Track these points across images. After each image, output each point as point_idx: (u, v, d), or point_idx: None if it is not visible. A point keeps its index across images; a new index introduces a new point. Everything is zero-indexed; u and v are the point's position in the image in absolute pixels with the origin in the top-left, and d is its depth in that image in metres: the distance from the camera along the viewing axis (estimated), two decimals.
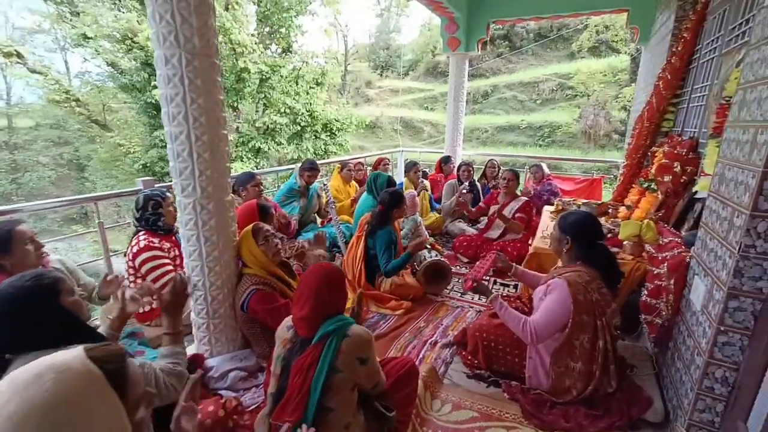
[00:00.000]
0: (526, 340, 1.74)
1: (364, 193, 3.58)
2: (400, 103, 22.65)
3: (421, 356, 2.17)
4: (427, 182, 4.61)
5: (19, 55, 12.48)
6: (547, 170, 4.79)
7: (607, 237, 2.49)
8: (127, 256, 2.24)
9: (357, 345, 1.29)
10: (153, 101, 10.43)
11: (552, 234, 1.96)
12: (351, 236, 3.15)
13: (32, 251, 1.61)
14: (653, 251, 2.08)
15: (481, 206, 3.95)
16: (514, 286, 3.06)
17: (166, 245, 2.30)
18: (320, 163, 4.06)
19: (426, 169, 5.25)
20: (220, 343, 1.91)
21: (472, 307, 2.77)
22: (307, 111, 11.95)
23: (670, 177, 2.44)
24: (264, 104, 11.97)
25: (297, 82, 11.79)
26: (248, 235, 1.95)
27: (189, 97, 1.54)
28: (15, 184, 15.40)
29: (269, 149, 11.78)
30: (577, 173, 6.04)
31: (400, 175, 5.51)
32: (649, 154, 3.26)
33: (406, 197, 3.10)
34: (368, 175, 3.88)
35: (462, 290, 3.03)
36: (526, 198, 3.73)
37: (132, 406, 0.72)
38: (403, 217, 3.19)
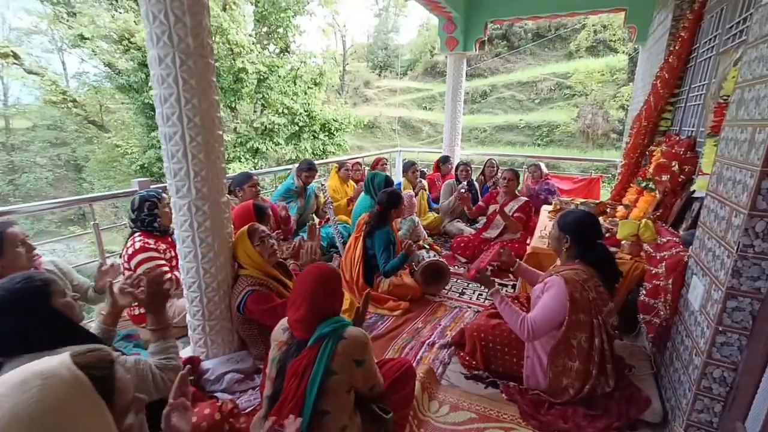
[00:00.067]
0: (523, 336, 1.76)
1: (362, 193, 3.57)
2: (398, 103, 22.64)
3: (418, 357, 2.16)
4: (425, 182, 4.60)
5: (15, 56, 12.43)
6: (545, 169, 4.79)
7: (605, 236, 2.48)
8: (122, 257, 2.23)
9: (353, 347, 1.28)
10: (150, 102, 10.41)
11: (551, 233, 1.95)
12: (349, 236, 3.14)
13: (24, 254, 1.59)
14: (651, 251, 2.07)
15: (481, 205, 3.95)
16: (512, 285, 3.06)
17: (162, 246, 2.29)
18: (318, 164, 4.05)
19: (424, 169, 5.24)
20: (216, 345, 1.89)
21: (470, 307, 2.76)
22: (305, 111, 11.94)
23: (668, 176, 2.44)
24: (262, 104, 11.96)
25: (295, 83, 11.78)
26: (244, 236, 1.94)
27: (183, 97, 1.53)
28: (12, 185, 15.35)
29: (267, 149, 11.76)
30: (575, 172, 6.05)
31: (398, 175, 5.50)
32: (647, 153, 3.26)
33: (404, 198, 3.09)
34: (366, 175, 3.86)
35: (460, 291, 3.03)
36: (525, 198, 3.72)
37: (120, 412, 0.71)
38: (401, 217, 3.18)
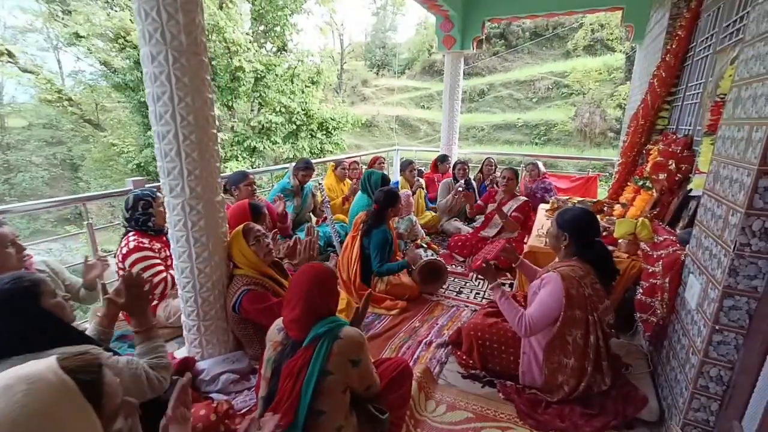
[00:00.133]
0: (520, 332, 1.77)
1: (359, 192, 3.55)
2: (396, 101, 22.62)
3: (416, 356, 2.16)
4: (422, 181, 4.59)
5: (10, 54, 12.31)
6: (543, 168, 4.78)
7: (603, 235, 2.48)
8: (116, 257, 2.21)
9: (349, 347, 1.27)
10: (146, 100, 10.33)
11: (550, 231, 1.95)
12: (346, 235, 3.12)
13: (14, 254, 1.57)
14: (648, 249, 2.07)
15: (480, 204, 3.93)
16: (509, 284, 3.06)
17: (157, 246, 2.27)
18: (315, 162, 4.04)
19: (422, 168, 5.23)
20: (211, 345, 1.88)
21: (467, 306, 2.75)
22: (303, 110, 11.90)
23: (665, 175, 2.44)
24: (259, 103, 11.91)
25: (292, 81, 11.74)
26: (239, 236, 1.93)
27: (176, 95, 1.51)
28: (8, 184, 15.23)
29: (265, 148, 11.72)
30: (572, 171, 6.04)
31: (396, 173, 5.48)
32: (644, 152, 3.26)
33: (401, 197, 3.08)
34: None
35: (457, 289, 3.02)
36: (524, 198, 3.68)
37: (109, 417, 0.70)
38: (398, 216, 3.17)
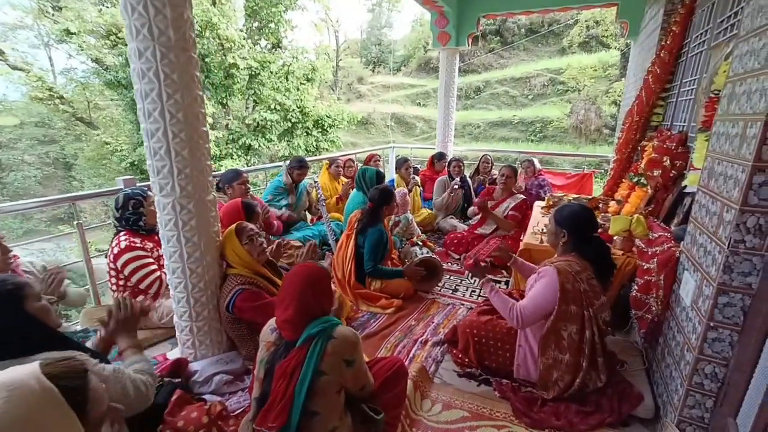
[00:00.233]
0: (512, 322, 1.78)
1: (354, 190, 3.53)
2: (392, 99, 22.55)
3: (411, 355, 2.15)
4: (418, 178, 4.57)
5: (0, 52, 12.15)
6: (538, 165, 4.78)
7: (598, 232, 2.48)
8: (108, 257, 2.18)
9: (343, 347, 1.25)
10: None
11: (548, 227, 1.95)
12: (341, 234, 3.10)
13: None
14: (643, 246, 2.07)
15: (478, 202, 3.88)
16: (505, 282, 3.05)
17: (149, 245, 2.24)
18: (310, 160, 4.01)
19: (417, 166, 5.20)
20: (204, 346, 1.86)
21: (463, 304, 2.74)
22: (298, 107, 11.83)
23: (660, 171, 2.44)
24: (254, 101, 11.82)
25: (287, 78, 11.65)
26: (232, 235, 1.90)
27: (165, 92, 1.48)
28: (0, 183, 15.05)
29: (260, 146, 11.65)
30: (568, 168, 6.06)
31: (392, 171, 5.46)
32: (639, 148, 3.26)
33: (396, 195, 3.06)
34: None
35: (453, 287, 3.02)
36: (523, 196, 3.61)
37: (94, 423, 0.68)
38: (393, 214, 3.15)
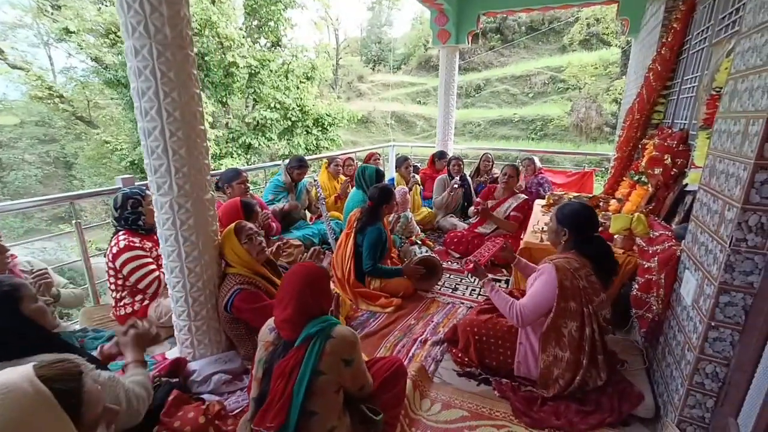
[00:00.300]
0: (513, 321, 1.79)
1: (354, 188, 3.52)
2: (392, 97, 22.49)
3: (411, 354, 2.14)
4: (418, 177, 4.55)
5: None
6: (539, 163, 4.77)
7: (599, 231, 2.47)
8: (106, 257, 2.17)
9: (341, 346, 1.25)
10: None
11: (549, 226, 1.94)
12: (341, 233, 3.10)
13: None
14: (644, 245, 2.06)
15: (479, 202, 3.79)
16: (505, 281, 3.04)
17: (148, 245, 2.23)
18: (310, 159, 4.00)
19: (417, 164, 5.18)
20: (203, 345, 1.85)
21: (463, 303, 2.74)
22: (298, 106, 11.81)
23: (661, 169, 2.42)
24: (254, 99, 11.80)
25: (287, 77, 11.63)
26: (230, 234, 1.89)
27: (162, 90, 1.47)
28: (0, 182, 15.07)
29: (260, 145, 11.64)
30: (568, 166, 6.04)
31: (392, 170, 5.45)
32: (640, 146, 3.24)
33: (397, 194, 3.05)
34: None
35: (453, 286, 3.01)
36: (525, 196, 3.55)
37: (89, 426, 0.68)
38: (392, 212, 3.14)
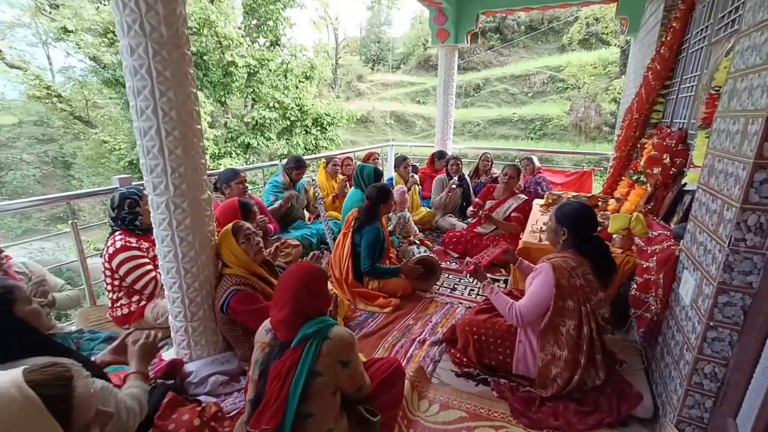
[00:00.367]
0: (512, 321, 1.81)
1: (352, 188, 3.51)
2: (391, 96, 22.47)
3: (409, 355, 2.13)
4: (416, 176, 4.54)
5: None
6: (537, 163, 4.76)
7: (598, 230, 2.46)
8: (103, 257, 2.16)
9: (339, 347, 1.24)
10: None
11: (548, 225, 1.94)
12: (339, 233, 3.09)
13: None
14: (642, 244, 2.05)
15: (477, 202, 3.76)
16: (504, 281, 3.04)
17: (145, 245, 2.22)
18: (308, 158, 3.99)
19: (416, 164, 5.17)
20: (199, 346, 1.84)
21: (461, 303, 2.73)
22: (297, 105, 11.79)
23: (660, 169, 2.42)
24: (252, 99, 11.78)
25: (286, 76, 11.61)
26: (228, 234, 1.88)
27: (158, 89, 1.45)
28: None
29: (259, 144, 11.61)
30: (567, 166, 6.04)
31: (390, 169, 5.44)
32: (639, 146, 3.24)
33: (395, 193, 3.04)
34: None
35: (451, 286, 3.00)
36: (525, 197, 3.52)
37: (80, 430, 0.67)
38: (390, 212, 3.13)
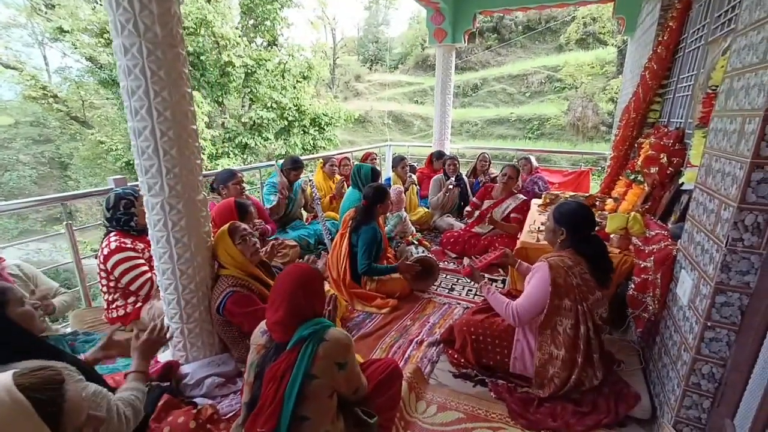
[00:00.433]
0: (509, 320, 1.82)
1: (350, 188, 3.50)
2: (389, 96, 22.46)
3: (406, 356, 2.13)
4: (414, 177, 4.54)
5: None
6: (535, 163, 4.76)
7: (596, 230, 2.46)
8: (98, 258, 2.14)
9: (335, 349, 1.23)
10: None
11: (547, 225, 1.93)
12: (336, 233, 3.07)
13: None
14: (640, 244, 2.05)
15: (475, 202, 3.76)
16: (502, 281, 3.04)
17: (140, 246, 2.20)
18: (306, 159, 3.97)
19: (414, 164, 5.17)
20: (195, 348, 1.83)
21: (459, 303, 2.73)
22: (295, 106, 11.76)
23: (657, 168, 2.41)
24: (250, 99, 11.75)
25: (283, 76, 11.58)
26: (224, 235, 1.87)
27: (152, 89, 1.44)
28: None
29: (256, 145, 11.58)
30: (565, 165, 6.04)
31: (388, 170, 5.43)
32: (636, 145, 3.24)
33: (392, 193, 3.04)
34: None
35: (449, 287, 3.00)
36: (524, 197, 3.51)
37: None
38: (387, 212, 3.12)
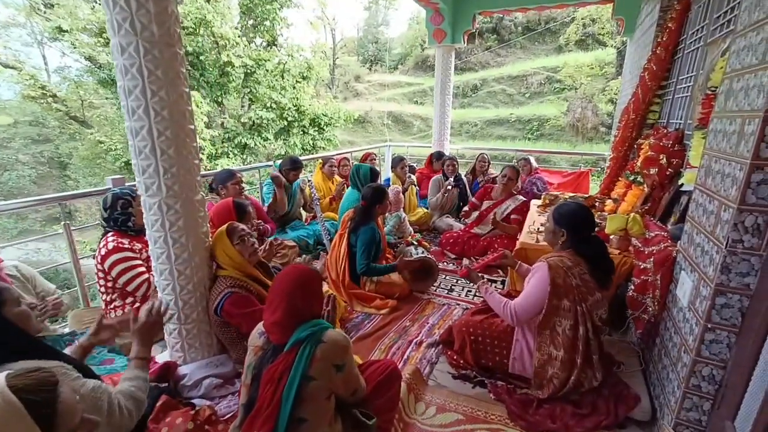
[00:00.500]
0: (508, 320, 1.82)
1: (349, 188, 3.49)
2: (389, 97, 22.46)
3: (406, 357, 2.12)
4: (414, 177, 4.53)
5: None
6: (534, 164, 4.76)
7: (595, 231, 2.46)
8: (95, 258, 2.14)
9: (333, 351, 1.22)
10: None
11: (546, 226, 1.93)
12: (335, 233, 3.07)
13: None
14: (640, 245, 2.05)
15: (474, 202, 3.77)
16: (501, 282, 3.03)
17: (138, 246, 2.19)
18: (305, 159, 3.97)
19: (414, 164, 5.16)
20: (193, 349, 1.82)
21: (458, 304, 2.72)
22: (294, 106, 11.76)
23: (656, 169, 2.41)
24: (249, 99, 11.75)
25: (283, 77, 11.58)
26: (222, 236, 1.86)
27: (149, 89, 1.43)
28: None
29: (256, 145, 11.57)
30: (565, 166, 6.04)
31: (388, 170, 5.42)
32: (636, 146, 3.24)
33: (390, 193, 3.03)
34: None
35: (448, 287, 2.99)
36: (523, 198, 3.51)
37: None
38: (386, 213, 3.12)
